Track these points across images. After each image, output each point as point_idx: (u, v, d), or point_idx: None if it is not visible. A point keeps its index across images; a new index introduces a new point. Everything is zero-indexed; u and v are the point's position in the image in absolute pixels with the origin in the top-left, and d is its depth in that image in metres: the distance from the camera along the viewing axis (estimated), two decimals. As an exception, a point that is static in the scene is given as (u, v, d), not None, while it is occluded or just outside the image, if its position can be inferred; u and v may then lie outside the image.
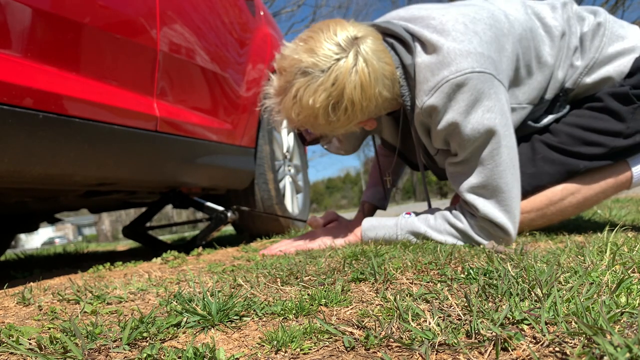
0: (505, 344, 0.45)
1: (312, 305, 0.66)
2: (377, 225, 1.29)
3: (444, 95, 1.09)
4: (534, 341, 0.47)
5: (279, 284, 0.83)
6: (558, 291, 0.57)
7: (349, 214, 1.44)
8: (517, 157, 1.17)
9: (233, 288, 0.81)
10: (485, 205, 1.15)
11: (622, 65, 1.22)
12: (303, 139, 1.39)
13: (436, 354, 0.46)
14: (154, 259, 1.47)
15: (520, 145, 1.29)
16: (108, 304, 0.80)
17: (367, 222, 1.31)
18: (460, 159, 1.17)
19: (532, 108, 1.25)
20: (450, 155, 1.21)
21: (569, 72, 1.25)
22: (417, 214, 1.29)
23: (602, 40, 1.24)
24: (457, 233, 1.20)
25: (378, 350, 0.48)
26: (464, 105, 1.09)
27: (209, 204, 1.76)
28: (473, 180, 1.16)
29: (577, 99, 1.29)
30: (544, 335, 0.46)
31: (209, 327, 0.60)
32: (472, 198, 1.17)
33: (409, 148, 1.40)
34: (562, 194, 1.25)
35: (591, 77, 1.24)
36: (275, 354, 0.50)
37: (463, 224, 1.19)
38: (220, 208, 1.74)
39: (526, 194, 1.27)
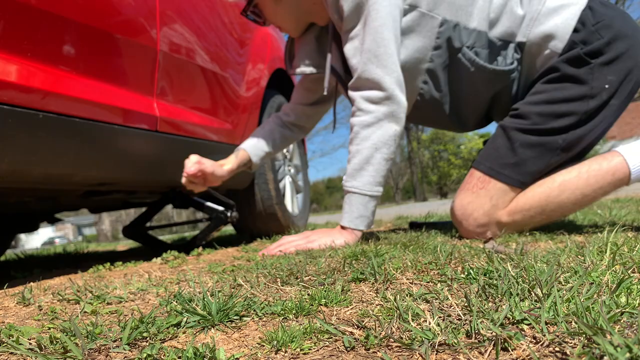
0: (505, 344, 0.45)
1: (312, 305, 0.66)
2: (349, 209, 1.32)
3: None
4: (534, 341, 0.47)
5: (279, 284, 0.83)
6: (558, 291, 0.57)
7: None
8: (397, 22, 1.25)
9: (233, 288, 0.81)
10: (364, 65, 1.25)
11: (568, 19, 1.25)
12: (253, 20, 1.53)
13: (436, 354, 0.46)
14: (154, 259, 1.47)
15: (496, 138, 1.33)
16: (108, 304, 0.80)
17: (347, 220, 1.33)
18: (348, 26, 1.29)
19: (450, 27, 1.28)
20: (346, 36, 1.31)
21: (512, 19, 1.28)
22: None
23: None
24: (360, 135, 1.28)
25: (378, 350, 0.48)
26: None
27: (209, 203, 1.76)
28: (356, 43, 1.27)
29: (535, 75, 1.32)
30: (544, 335, 0.46)
31: (209, 327, 0.60)
32: (354, 62, 1.28)
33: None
34: (560, 191, 1.26)
35: (539, 29, 1.27)
36: (275, 354, 0.50)
37: (356, 124, 1.28)
38: (220, 208, 1.74)
39: (522, 185, 1.28)
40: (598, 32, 1.23)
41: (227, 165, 1.53)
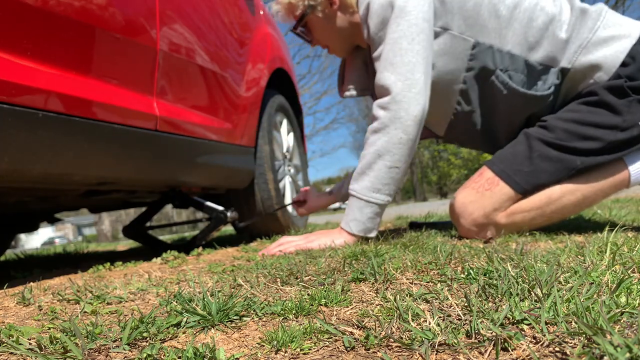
0: (505, 344, 0.45)
1: (312, 305, 0.66)
2: (347, 211, 1.33)
3: None
4: (534, 341, 0.47)
5: (279, 284, 0.83)
6: (558, 291, 0.57)
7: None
8: (423, 36, 1.25)
9: (233, 288, 0.81)
10: (379, 73, 1.28)
11: (617, 51, 1.22)
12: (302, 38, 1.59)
13: (436, 354, 0.46)
14: (154, 259, 1.47)
15: (517, 143, 1.32)
16: (108, 304, 0.80)
17: (344, 222, 1.33)
18: (375, 49, 1.32)
19: (483, 49, 1.29)
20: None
21: (554, 43, 1.26)
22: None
23: (596, 23, 1.25)
24: (368, 140, 1.30)
25: (378, 350, 0.48)
26: None
27: (208, 203, 1.76)
28: (379, 56, 1.30)
29: (572, 96, 1.30)
30: (544, 335, 0.46)
31: (209, 327, 0.60)
32: (378, 70, 1.30)
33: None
34: (561, 192, 1.26)
35: (587, 57, 1.24)
36: (275, 354, 0.50)
37: (368, 129, 1.30)
38: (220, 208, 1.74)
39: (526, 193, 1.27)
40: None
41: (329, 200, 1.79)
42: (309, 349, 0.50)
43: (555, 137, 1.24)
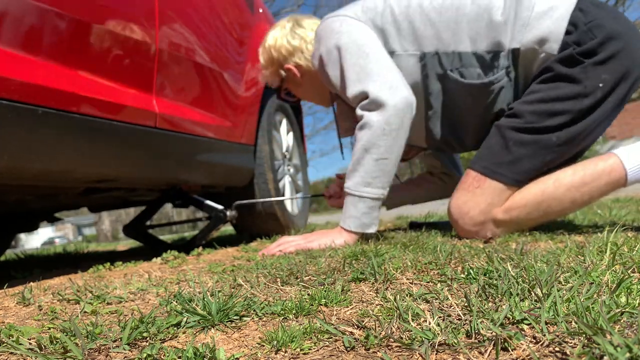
0: (505, 344, 0.45)
1: (312, 305, 0.66)
2: (344, 209, 1.35)
3: (315, 40, 1.48)
4: (534, 341, 0.46)
5: (279, 284, 0.83)
6: (558, 291, 0.57)
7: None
8: (375, 48, 1.33)
9: (233, 288, 0.81)
10: (350, 90, 1.33)
11: (558, 19, 1.25)
12: (283, 98, 1.75)
13: (436, 354, 0.46)
14: (154, 259, 1.47)
15: (490, 137, 1.34)
16: (108, 304, 0.80)
17: (342, 220, 1.35)
18: (338, 83, 1.40)
19: (430, 57, 1.35)
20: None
21: (492, 28, 1.29)
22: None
23: (532, 0, 1.28)
24: (356, 138, 1.33)
25: (378, 350, 0.48)
26: (322, 39, 1.42)
27: (208, 202, 1.76)
28: (343, 83, 1.37)
29: (531, 78, 1.32)
30: (544, 335, 0.46)
31: (209, 327, 0.60)
32: (348, 92, 1.35)
33: None
34: (554, 186, 1.26)
35: (532, 33, 1.27)
36: (275, 354, 0.50)
37: (356, 129, 1.34)
38: (220, 207, 1.74)
39: (518, 183, 1.28)
40: (591, 31, 1.22)
41: None
42: (309, 349, 0.50)
43: (524, 121, 1.27)
